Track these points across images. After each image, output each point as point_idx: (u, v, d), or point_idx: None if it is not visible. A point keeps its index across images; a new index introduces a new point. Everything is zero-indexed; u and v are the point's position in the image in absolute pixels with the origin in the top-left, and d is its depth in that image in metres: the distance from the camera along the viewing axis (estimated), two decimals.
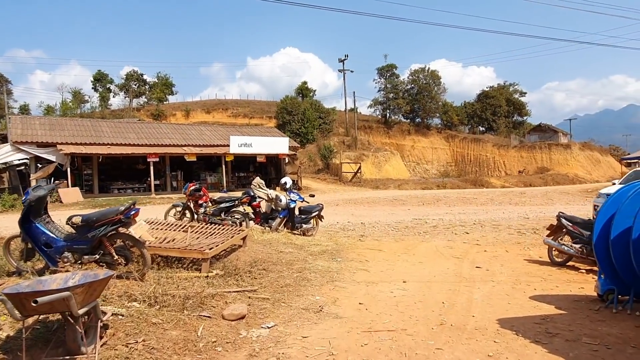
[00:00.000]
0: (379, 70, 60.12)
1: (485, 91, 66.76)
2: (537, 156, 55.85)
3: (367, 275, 6.84)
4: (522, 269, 7.23)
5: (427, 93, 58.62)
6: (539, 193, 28.68)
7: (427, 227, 13.73)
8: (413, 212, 19.25)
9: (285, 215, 10.54)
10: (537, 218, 15.87)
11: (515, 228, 13.19)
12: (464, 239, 11.36)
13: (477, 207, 21.21)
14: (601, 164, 56.98)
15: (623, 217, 4.49)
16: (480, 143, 58.86)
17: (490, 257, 8.56)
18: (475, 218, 16.15)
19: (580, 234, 7.17)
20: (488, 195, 26.58)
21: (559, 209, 20.15)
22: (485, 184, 40.12)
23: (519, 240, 11.03)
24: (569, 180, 45.21)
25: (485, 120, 64.72)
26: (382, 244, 10.34)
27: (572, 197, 26.37)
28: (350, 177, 38.91)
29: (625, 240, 4.44)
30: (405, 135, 58.33)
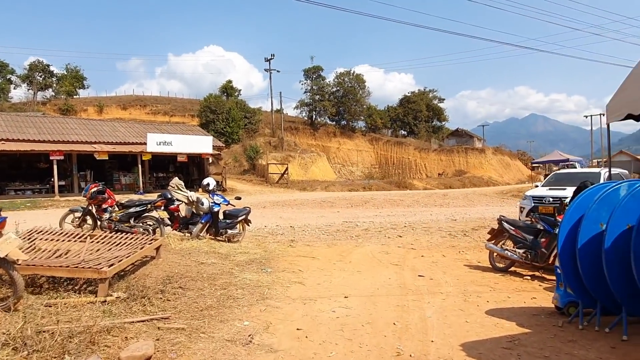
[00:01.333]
0: (306, 72, 59.76)
1: (407, 96, 68.91)
2: (455, 159, 58.50)
3: (302, 289, 5.97)
4: (467, 277, 6.76)
5: (352, 96, 59.20)
6: (460, 195, 29.64)
7: (358, 231, 13.18)
8: (343, 214, 18.74)
9: (208, 220, 9.39)
10: (463, 220, 15.99)
11: (445, 230, 13.03)
12: (397, 242, 10.90)
13: (404, 209, 21.22)
14: (511, 167, 60.99)
15: (590, 223, 4.04)
16: (402, 146, 60.53)
17: (429, 264, 8.07)
18: (405, 220, 15.93)
19: (523, 238, 6.84)
20: (413, 197, 26.91)
21: (480, 210, 20.76)
22: (409, 186, 41.03)
23: (452, 243, 10.76)
24: (484, 183, 47.69)
25: (407, 124, 66.75)
26: (315, 250, 9.54)
27: (490, 199, 27.46)
28: (277, 179, 37.94)
29: (593, 249, 3.99)
30: (331, 137, 58.45)
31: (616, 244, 3.76)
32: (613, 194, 4.07)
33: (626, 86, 7.64)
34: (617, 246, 3.75)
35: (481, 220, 15.55)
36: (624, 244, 3.75)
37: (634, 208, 3.78)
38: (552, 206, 11.14)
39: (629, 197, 3.80)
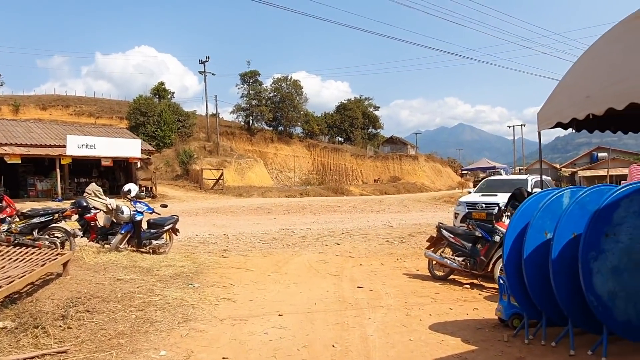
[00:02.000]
0: (242, 76, 58.68)
1: (344, 103, 69.74)
2: (390, 166, 59.84)
3: (232, 307, 5.40)
4: (407, 287, 6.51)
5: (290, 102, 58.91)
6: (395, 201, 30.10)
7: (295, 238, 12.74)
8: (279, 221, 18.23)
9: (129, 230, 8.52)
10: (400, 226, 16.05)
11: (383, 237, 12.92)
12: (335, 250, 10.58)
13: (342, 216, 21.08)
14: (442, 174, 63.39)
15: (535, 232, 3.86)
16: (339, 152, 61.06)
17: (368, 273, 7.78)
18: (343, 227, 15.72)
19: (462, 246, 6.72)
20: (350, 203, 26.92)
21: (416, 216, 21.10)
22: (346, 192, 41.26)
23: (390, 250, 10.60)
24: (417, 189, 49.05)
25: (343, 131, 67.48)
26: (249, 261, 8.97)
27: (424, 204, 28.11)
28: (211, 184, 36.63)
29: (539, 259, 3.81)
30: (269, 143, 57.74)
31: (562, 254, 3.59)
32: (556, 201, 3.94)
33: (555, 95, 7.83)
34: (564, 256, 3.59)
35: (417, 226, 15.67)
36: (570, 254, 3.59)
37: (579, 216, 3.64)
38: (485, 212, 11.34)
39: (573, 205, 3.66)
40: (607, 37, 7.09)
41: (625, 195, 3.47)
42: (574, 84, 7.49)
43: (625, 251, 3.44)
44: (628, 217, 3.46)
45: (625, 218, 3.46)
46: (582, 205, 3.67)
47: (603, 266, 3.39)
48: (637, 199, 3.49)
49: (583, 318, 3.62)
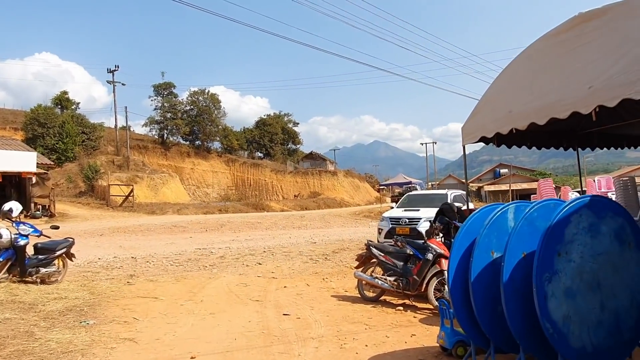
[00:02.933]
0: (156, 88, 55.87)
1: (263, 119, 69.13)
2: (310, 181, 59.95)
3: (134, 350, 4.50)
4: (337, 312, 5.99)
5: (207, 116, 57.04)
6: (317, 216, 29.87)
7: (213, 259, 11.80)
8: (196, 240, 17.03)
9: (10, 257, 7.18)
10: (323, 242, 15.66)
11: (307, 255, 12.40)
12: (257, 271, 9.85)
13: (263, 232, 20.30)
14: (360, 189, 64.74)
15: (482, 251, 3.52)
16: (259, 168, 60.11)
17: (294, 296, 7.17)
18: (264, 245, 14.99)
19: (393, 265, 6.36)
20: (271, 220, 26.19)
21: (338, 231, 20.89)
22: (266, 207, 40.41)
23: (315, 269, 10.09)
24: (337, 204, 49.48)
25: (263, 146, 66.72)
26: (159, 287, 7.97)
27: (345, 219, 28.14)
28: (120, 202, 33.94)
29: (487, 281, 3.46)
30: (185, 158, 55.27)
31: (513, 276, 3.27)
32: (501, 218, 3.64)
33: (479, 110, 7.87)
34: (515, 278, 3.27)
35: (340, 242, 15.36)
36: (520, 275, 3.28)
37: (528, 234, 3.36)
38: (408, 227, 11.28)
39: (522, 222, 3.37)
40: (527, 53, 7.24)
41: (575, 211, 3.23)
42: (497, 99, 7.56)
43: (577, 271, 3.19)
44: (579, 234, 3.22)
45: (576, 235, 3.21)
46: (531, 222, 3.39)
47: (557, 289, 3.10)
48: (586, 214, 3.27)
49: (536, 346, 3.31)
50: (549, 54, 6.65)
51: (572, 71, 6.32)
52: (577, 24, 6.24)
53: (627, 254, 3.41)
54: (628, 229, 3.44)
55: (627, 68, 5.71)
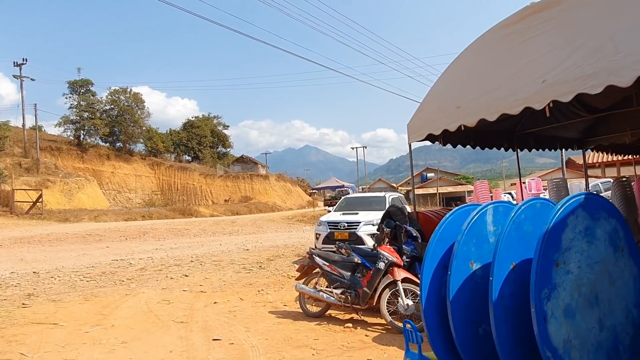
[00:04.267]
0: (71, 85, 51.50)
1: (191, 121, 66.41)
2: (241, 186, 58.32)
3: None
4: (277, 333, 5.16)
5: (130, 116, 53.51)
6: (249, 221, 28.70)
7: (132, 271, 10.47)
8: (113, 250, 15.34)
9: None
10: (256, 249, 14.72)
11: (239, 263, 11.43)
12: (183, 284, 8.77)
13: (190, 240, 18.89)
14: (292, 193, 64.12)
15: (461, 262, 2.90)
16: (187, 172, 57.44)
17: (226, 314, 6.24)
18: (192, 253, 13.76)
19: (340, 275, 5.65)
20: (200, 226, 24.69)
21: (271, 237, 19.96)
22: (195, 213, 38.45)
23: (249, 279, 9.18)
24: (269, 208, 48.41)
25: (191, 149, 64.03)
26: (62, 309, 6.69)
27: (278, 224, 27.25)
28: (27, 208, 30.56)
29: (468, 299, 2.84)
30: (104, 161, 51.41)
31: (503, 292, 2.67)
32: (480, 222, 3.05)
33: (425, 105, 7.42)
34: (504, 295, 2.67)
35: (275, 249, 14.51)
36: (510, 291, 2.69)
37: (516, 241, 2.78)
38: (347, 231, 10.72)
39: (510, 227, 2.79)
40: (476, 46, 6.84)
41: (571, 212, 2.70)
42: (445, 94, 7.10)
43: (576, 284, 2.66)
44: (576, 240, 2.70)
45: (573, 241, 2.69)
46: (519, 226, 2.82)
47: (556, 307, 2.54)
48: (582, 216, 2.75)
49: None
50: (499, 46, 6.32)
51: (523, 64, 6.00)
52: (528, 15, 5.93)
53: (621, 261, 2.94)
54: (621, 232, 2.98)
55: (581, 61, 5.43)
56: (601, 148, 11.42)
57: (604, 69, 5.06)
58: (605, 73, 5.05)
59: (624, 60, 4.92)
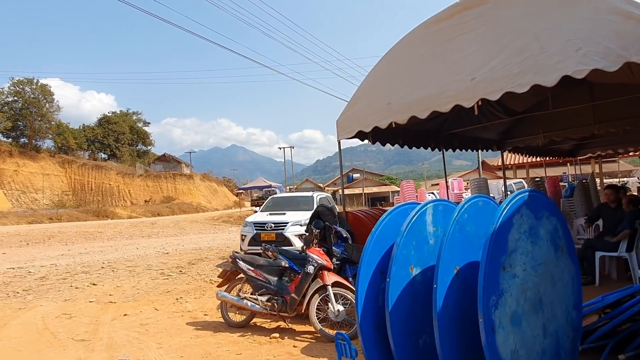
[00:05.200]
0: None
1: (107, 116, 62.25)
2: (162, 185, 55.56)
3: None
4: (195, 349, 4.62)
5: (36, 110, 48.88)
6: (170, 223, 27.26)
7: (30, 281, 9.29)
8: (11, 257, 13.67)
9: None
10: (177, 252, 13.82)
11: (156, 269, 10.58)
12: (90, 294, 7.87)
13: (103, 244, 17.41)
14: (218, 193, 62.30)
15: (400, 268, 2.60)
16: (102, 170, 53.62)
17: (137, 328, 5.57)
18: (104, 259, 12.60)
19: (266, 281, 5.21)
20: (115, 228, 22.97)
21: (194, 239, 18.97)
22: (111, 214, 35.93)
23: (166, 286, 8.45)
24: (193, 209, 46.61)
25: (108, 146, 60.02)
26: None
27: (202, 225, 26.13)
28: None
29: (408, 308, 2.55)
30: (6, 158, 46.45)
31: (447, 301, 2.40)
32: (419, 222, 2.77)
33: (355, 101, 7.16)
34: (447, 303, 2.40)
35: (198, 252, 13.71)
36: (453, 300, 2.43)
37: (459, 242, 2.53)
38: (274, 232, 10.30)
39: (454, 227, 2.53)
40: (407, 41, 6.65)
41: (516, 211, 2.50)
42: (375, 90, 6.85)
43: (521, 288, 2.46)
44: (521, 240, 2.50)
45: (519, 242, 2.48)
46: (462, 227, 2.58)
47: (504, 315, 2.31)
48: (526, 215, 2.56)
49: None
50: (430, 42, 6.20)
51: (453, 61, 5.91)
52: (458, 12, 5.85)
53: (562, 262, 2.81)
54: (560, 230, 2.84)
55: (508, 60, 5.41)
56: (517, 150, 11.99)
57: (530, 68, 5.08)
58: (531, 72, 5.07)
59: (548, 60, 4.96)
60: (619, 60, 4.49)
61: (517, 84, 5.26)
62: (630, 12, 4.43)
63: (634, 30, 4.39)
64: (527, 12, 5.16)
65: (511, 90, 5.31)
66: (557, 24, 4.90)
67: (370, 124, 6.77)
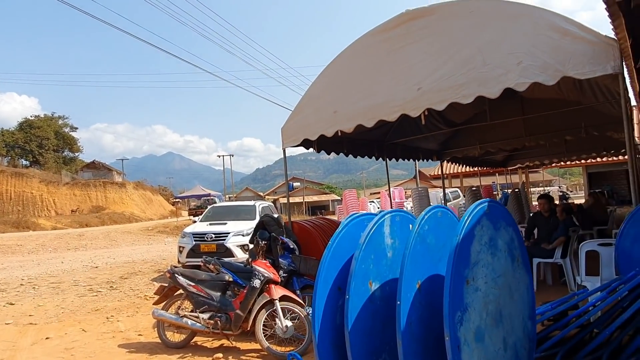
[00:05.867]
0: None
1: (30, 120, 58.02)
2: (92, 194, 52.32)
3: None
4: None
5: None
6: (100, 234, 25.63)
7: None
8: None
9: None
10: (108, 266, 12.93)
11: (84, 284, 9.80)
12: (6, 315, 7.11)
13: (23, 258, 15.96)
14: (153, 202, 59.67)
15: (360, 284, 2.44)
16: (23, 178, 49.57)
17: (61, 353, 5.03)
18: (23, 274, 11.51)
19: (208, 297, 4.87)
20: (38, 240, 21.22)
21: (127, 251, 17.89)
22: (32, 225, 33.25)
23: (96, 304, 7.82)
24: (126, 219, 44.30)
25: (30, 152, 55.81)
26: None
27: (135, 236, 24.79)
28: None
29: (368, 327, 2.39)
30: None
31: (410, 318, 2.27)
32: (377, 234, 2.64)
33: (301, 109, 7.00)
34: (411, 320, 2.27)
35: (130, 265, 12.90)
36: (417, 315, 2.30)
37: (421, 255, 2.42)
38: (215, 243, 9.88)
39: (415, 239, 2.41)
40: (354, 49, 6.58)
41: (478, 222, 2.43)
42: (321, 97, 6.68)
43: (483, 302, 2.38)
44: (482, 252, 2.43)
45: (480, 254, 2.41)
46: (423, 239, 2.47)
47: (468, 331, 2.22)
48: (486, 225, 2.50)
49: None
50: (377, 51, 6.18)
51: (400, 71, 5.93)
52: (404, 22, 5.90)
53: (518, 272, 2.79)
54: (516, 240, 2.82)
55: (454, 70, 5.51)
56: (455, 160, 12.42)
57: (474, 79, 5.19)
58: (475, 84, 5.18)
59: (491, 72, 5.09)
60: (557, 74, 4.69)
61: (462, 95, 5.36)
62: (566, 29, 4.64)
63: (570, 47, 4.60)
64: (471, 25, 5.28)
65: (456, 100, 5.40)
66: (499, 38, 5.04)
67: (317, 132, 6.65)
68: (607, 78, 4.77)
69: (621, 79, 4.45)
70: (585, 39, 4.50)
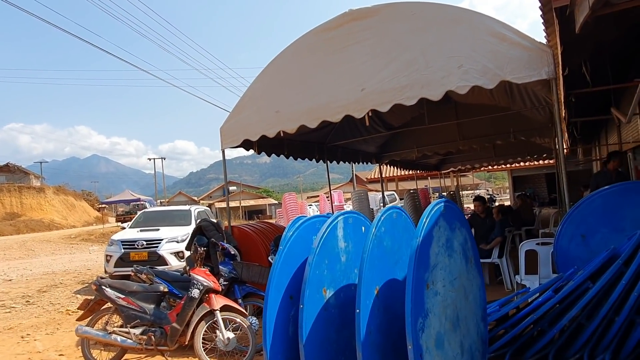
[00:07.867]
0: None
1: None
2: (5, 200, 47.99)
3: None
4: None
5: None
6: (15, 244, 23.48)
7: None
8: None
9: None
10: (24, 278, 11.78)
11: None
12: None
13: None
14: (76, 208, 55.87)
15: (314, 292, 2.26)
16: None
17: None
18: None
19: (140, 310, 4.45)
20: None
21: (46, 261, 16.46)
22: None
23: (9, 321, 7.04)
24: (45, 227, 41.10)
25: None
26: None
27: (56, 245, 22.95)
28: None
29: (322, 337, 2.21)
30: None
31: (370, 327, 2.11)
32: (330, 237, 2.47)
33: (241, 108, 6.70)
34: (371, 330, 2.12)
35: (50, 276, 11.85)
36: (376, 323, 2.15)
37: (378, 259, 2.28)
38: (146, 251, 9.29)
39: (373, 243, 2.27)
40: (295, 48, 6.39)
41: (435, 223, 2.33)
42: (263, 97, 6.44)
43: (442, 306, 2.29)
44: (440, 255, 2.34)
45: (439, 256, 2.32)
46: (380, 242, 2.33)
47: (429, 338, 2.10)
48: (443, 226, 2.42)
49: None
50: (319, 50, 6.04)
51: (343, 71, 5.83)
52: (347, 22, 5.81)
53: (471, 273, 2.74)
54: (469, 241, 2.78)
55: (397, 72, 5.48)
56: (394, 163, 12.63)
57: (417, 81, 5.20)
58: (418, 85, 5.19)
59: (433, 75, 5.12)
60: (496, 78, 4.80)
61: (406, 97, 5.36)
62: (504, 35, 4.76)
63: (508, 52, 4.73)
64: (413, 27, 5.30)
65: (400, 102, 5.39)
66: (440, 41, 5.09)
67: (258, 132, 6.40)
68: (538, 84, 4.95)
69: (554, 84, 4.63)
70: (522, 45, 4.64)
